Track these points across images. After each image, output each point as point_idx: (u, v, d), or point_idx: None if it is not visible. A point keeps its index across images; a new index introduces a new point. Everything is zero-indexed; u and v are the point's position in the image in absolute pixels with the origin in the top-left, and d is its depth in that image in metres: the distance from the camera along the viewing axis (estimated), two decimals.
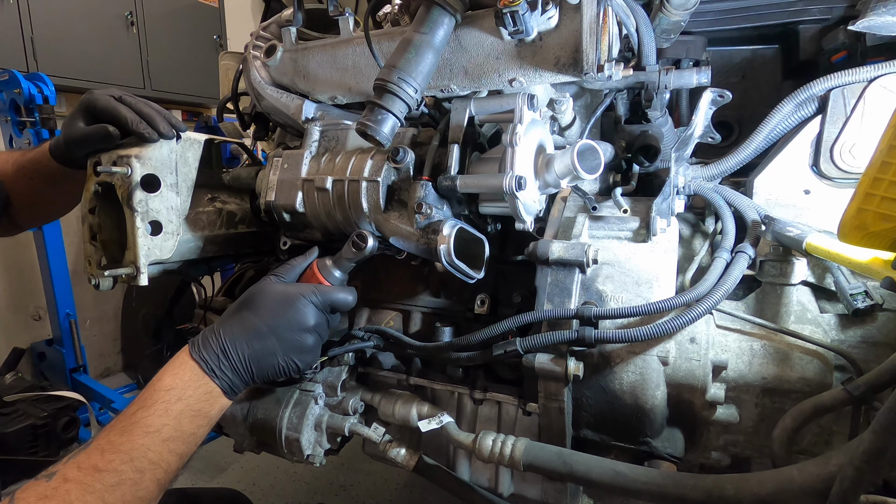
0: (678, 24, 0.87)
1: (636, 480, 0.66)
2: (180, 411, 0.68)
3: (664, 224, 0.82)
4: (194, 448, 0.71)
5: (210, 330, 0.74)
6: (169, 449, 0.66)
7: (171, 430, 0.67)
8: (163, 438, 0.66)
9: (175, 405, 0.68)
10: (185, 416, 0.68)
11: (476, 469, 0.95)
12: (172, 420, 0.67)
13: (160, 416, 0.67)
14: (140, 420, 0.66)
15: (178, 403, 0.68)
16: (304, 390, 1.01)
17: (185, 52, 3.63)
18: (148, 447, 0.64)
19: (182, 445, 0.68)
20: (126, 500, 0.61)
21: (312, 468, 1.75)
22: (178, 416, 0.68)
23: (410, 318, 0.99)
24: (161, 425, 0.66)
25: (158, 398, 0.68)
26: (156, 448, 0.65)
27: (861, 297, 0.78)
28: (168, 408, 0.68)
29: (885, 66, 0.84)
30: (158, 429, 0.66)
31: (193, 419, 0.69)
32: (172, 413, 0.67)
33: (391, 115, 0.70)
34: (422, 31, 0.72)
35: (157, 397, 0.68)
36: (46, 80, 2.00)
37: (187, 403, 0.69)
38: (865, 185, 0.50)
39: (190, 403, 0.69)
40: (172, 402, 0.68)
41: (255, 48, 1.02)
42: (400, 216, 0.82)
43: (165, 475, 0.66)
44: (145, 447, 0.64)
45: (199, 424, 0.70)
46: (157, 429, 0.66)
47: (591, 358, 0.80)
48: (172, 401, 0.68)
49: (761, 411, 0.81)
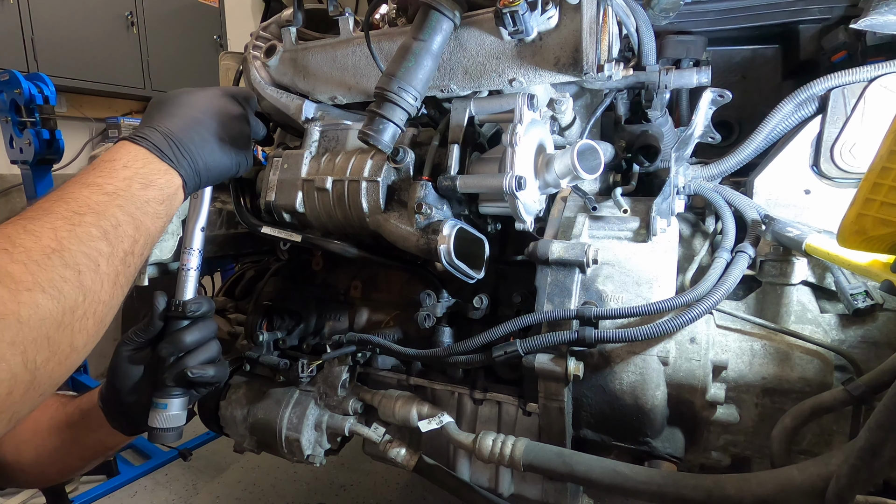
0: (677, 3, 0.87)
1: (636, 480, 0.66)
2: (128, 176, 0.59)
3: (664, 224, 0.82)
4: (152, 229, 0.60)
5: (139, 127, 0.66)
6: (117, 204, 0.56)
7: (116, 188, 0.57)
8: (106, 192, 0.56)
9: (121, 171, 0.58)
10: (136, 182, 0.59)
11: (476, 469, 0.95)
12: (120, 181, 0.57)
13: (101, 177, 0.57)
14: (68, 186, 0.55)
15: (124, 170, 0.59)
16: (304, 390, 1.01)
17: (185, 52, 3.63)
18: (86, 196, 0.55)
19: (133, 209, 0.57)
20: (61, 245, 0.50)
21: (312, 468, 1.75)
22: (127, 180, 0.58)
23: (410, 318, 0.99)
24: (103, 182, 0.57)
25: (95, 167, 0.58)
26: (96, 198, 0.55)
27: (861, 297, 0.78)
28: (113, 170, 0.58)
29: (886, 65, 0.84)
30: (100, 184, 0.56)
31: (145, 188, 0.60)
32: (119, 176, 0.58)
33: (392, 123, 0.70)
34: (420, 37, 0.72)
35: (92, 168, 0.58)
36: (46, 80, 1.99)
37: (135, 171, 0.60)
38: (865, 190, 0.50)
39: (139, 171, 0.60)
40: (118, 169, 0.58)
41: (255, 48, 1.01)
42: (400, 216, 0.82)
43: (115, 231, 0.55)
44: (82, 197, 0.54)
45: (152, 197, 0.60)
46: (98, 184, 0.56)
47: (591, 358, 0.80)
48: (118, 167, 0.58)
49: (761, 411, 0.81)
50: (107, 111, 3.51)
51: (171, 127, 0.66)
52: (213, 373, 0.75)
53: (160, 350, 0.74)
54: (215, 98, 0.75)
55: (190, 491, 2.11)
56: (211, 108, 0.73)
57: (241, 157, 0.76)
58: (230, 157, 0.74)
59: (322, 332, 1.08)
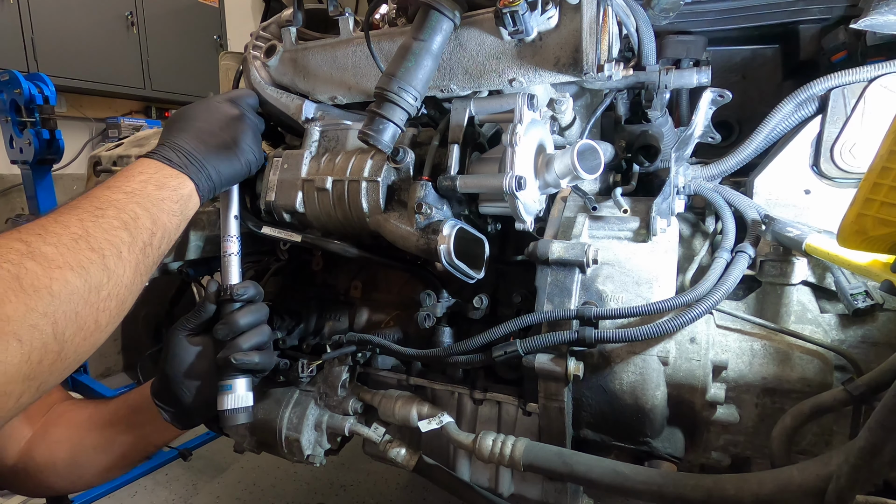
0: (677, 3, 0.87)
1: (636, 480, 0.66)
2: (144, 180, 0.66)
3: (664, 224, 0.82)
4: (168, 225, 0.66)
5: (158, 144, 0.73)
6: (135, 201, 0.63)
7: (133, 189, 0.64)
8: (124, 192, 0.63)
9: (137, 177, 0.66)
10: (150, 184, 0.66)
11: (476, 469, 0.95)
12: (137, 184, 0.64)
13: (120, 181, 0.64)
14: (91, 191, 0.62)
15: (140, 176, 0.66)
16: (305, 390, 1.01)
17: (185, 52, 3.63)
18: (107, 195, 0.61)
19: (149, 205, 0.64)
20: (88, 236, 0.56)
21: (312, 468, 1.76)
22: (143, 183, 0.65)
23: (410, 318, 0.99)
24: (122, 185, 0.63)
25: (115, 176, 0.65)
26: (116, 196, 0.62)
27: (861, 297, 0.78)
28: (130, 177, 0.65)
29: (886, 65, 0.84)
30: (119, 186, 0.63)
31: (160, 189, 0.67)
32: (136, 180, 0.65)
33: (392, 123, 0.70)
34: (420, 37, 0.72)
35: (113, 177, 0.64)
36: (47, 80, 2.00)
37: (150, 175, 0.67)
38: (865, 190, 0.49)
39: (153, 176, 0.67)
40: (134, 175, 0.66)
41: (255, 48, 1.01)
42: (400, 216, 0.82)
43: (134, 223, 0.61)
44: (104, 196, 0.61)
45: (167, 196, 0.67)
46: (117, 186, 0.63)
47: (591, 358, 0.80)
48: (134, 174, 0.66)
49: (761, 411, 0.81)
50: (107, 111, 3.52)
51: (178, 140, 0.74)
52: (257, 360, 0.78)
53: (215, 332, 0.77)
54: (213, 105, 0.81)
55: (190, 491, 2.11)
56: (210, 117, 0.79)
57: (248, 155, 0.81)
58: (237, 158, 0.79)
59: (322, 332, 1.08)
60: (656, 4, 0.87)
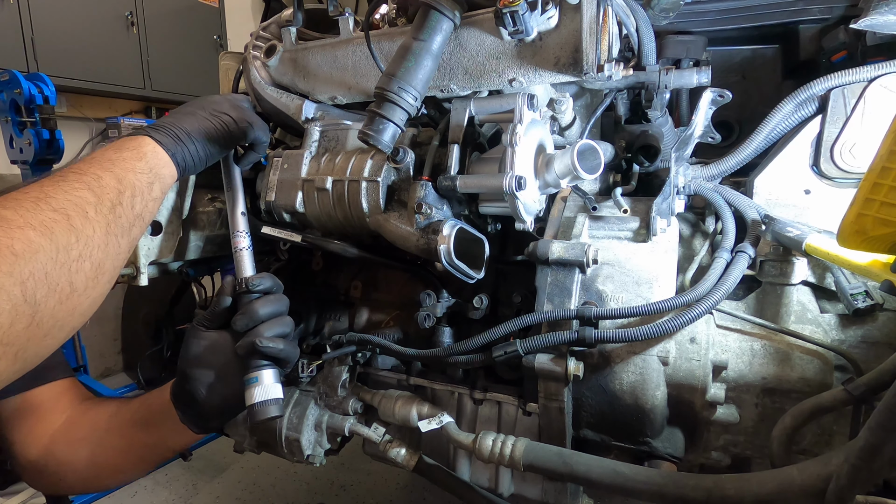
0: (677, 3, 0.87)
1: (636, 480, 0.66)
2: (104, 148, 0.66)
3: (664, 224, 0.82)
4: (136, 183, 0.65)
5: None
6: (95, 164, 0.63)
7: (92, 157, 0.64)
8: (84, 161, 0.63)
9: (99, 149, 0.66)
10: (109, 150, 0.66)
11: (476, 469, 0.95)
12: (96, 154, 0.65)
13: (94, 156, 0.64)
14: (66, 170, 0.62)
15: (100, 147, 0.67)
16: (304, 390, 1.01)
17: (185, 52, 3.63)
18: (69, 167, 0.61)
19: (110, 165, 0.64)
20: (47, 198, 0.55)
21: (312, 468, 1.76)
22: (101, 151, 0.66)
23: (410, 318, 0.99)
24: (84, 158, 0.64)
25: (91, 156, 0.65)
26: (76, 165, 0.62)
27: (861, 297, 0.78)
28: (103, 152, 0.65)
29: (886, 65, 0.84)
30: (81, 159, 0.63)
31: (119, 151, 0.67)
32: (97, 151, 0.66)
33: (392, 123, 0.70)
34: (420, 37, 0.72)
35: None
36: (47, 80, 2.00)
37: (110, 144, 0.68)
38: (865, 190, 0.50)
39: (114, 143, 0.67)
40: (93, 153, 0.66)
41: (255, 48, 1.02)
42: (400, 216, 0.82)
43: (97, 183, 0.61)
44: (66, 168, 0.61)
45: (128, 156, 0.67)
46: (80, 159, 0.64)
47: (591, 358, 0.80)
48: (93, 153, 0.66)
49: (761, 411, 0.81)
50: (107, 111, 3.51)
51: (158, 121, 0.74)
52: (282, 346, 0.74)
53: (234, 323, 0.75)
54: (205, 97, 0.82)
55: (190, 491, 2.11)
56: (191, 103, 0.80)
57: (224, 117, 0.79)
58: (207, 118, 0.77)
59: (322, 332, 1.08)
60: (656, 4, 0.87)
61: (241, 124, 0.80)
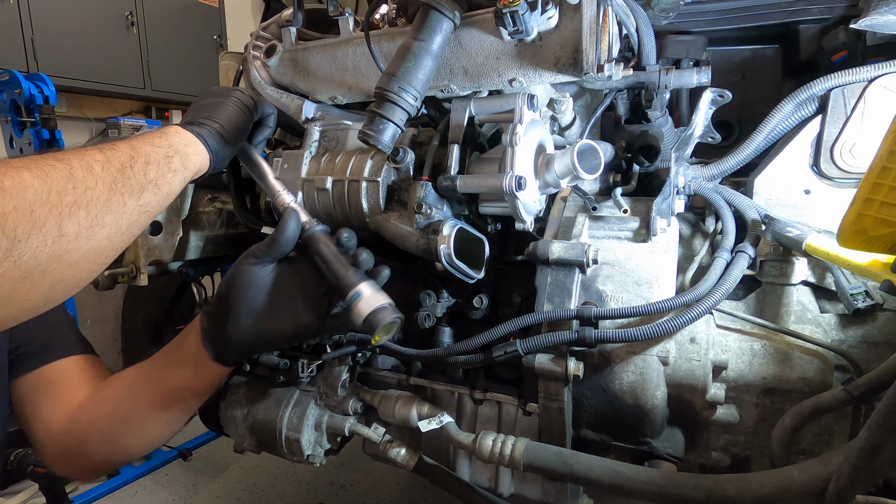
0: (677, 3, 0.87)
1: (636, 480, 0.66)
2: (145, 135, 0.67)
3: (664, 224, 0.82)
4: (151, 152, 0.65)
5: None
6: (115, 141, 0.64)
7: (132, 144, 0.64)
8: (106, 145, 0.63)
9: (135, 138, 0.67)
10: (133, 137, 0.67)
11: (476, 469, 0.95)
12: (118, 141, 0.65)
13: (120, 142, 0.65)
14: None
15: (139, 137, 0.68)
16: (305, 390, 1.01)
17: (185, 52, 3.63)
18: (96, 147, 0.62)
19: (128, 138, 0.65)
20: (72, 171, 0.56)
21: (312, 468, 1.75)
22: (143, 134, 0.67)
23: (410, 318, 0.99)
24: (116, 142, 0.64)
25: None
26: (98, 146, 0.62)
27: (861, 297, 0.78)
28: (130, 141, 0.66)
29: (886, 65, 0.84)
30: (114, 143, 0.64)
31: (140, 134, 0.68)
32: (135, 139, 0.66)
33: (392, 123, 0.70)
34: (420, 37, 0.72)
35: None
36: (47, 80, 2.00)
37: (147, 132, 0.69)
38: (865, 190, 0.50)
39: (137, 133, 0.68)
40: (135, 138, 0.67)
41: (255, 48, 1.02)
42: (400, 216, 0.82)
43: (111, 148, 0.61)
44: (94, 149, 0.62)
45: (147, 133, 0.67)
46: (112, 142, 0.64)
47: (591, 358, 0.80)
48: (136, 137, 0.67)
49: (761, 411, 0.81)
50: (107, 111, 3.51)
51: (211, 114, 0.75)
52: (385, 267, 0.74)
53: (340, 233, 0.73)
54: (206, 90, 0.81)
55: (190, 491, 2.11)
56: (201, 94, 0.79)
57: (238, 93, 0.78)
58: (223, 100, 0.76)
59: None
60: (656, 4, 0.87)
61: (252, 97, 0.80)
